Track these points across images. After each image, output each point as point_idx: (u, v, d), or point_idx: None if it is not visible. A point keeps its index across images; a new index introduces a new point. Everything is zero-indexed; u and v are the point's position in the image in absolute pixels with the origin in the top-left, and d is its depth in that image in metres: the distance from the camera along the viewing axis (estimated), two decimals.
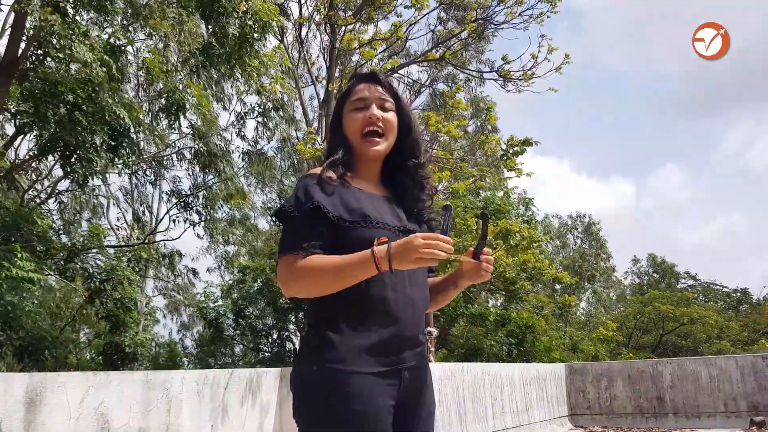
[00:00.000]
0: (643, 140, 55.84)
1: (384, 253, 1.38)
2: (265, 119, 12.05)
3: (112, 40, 8.55)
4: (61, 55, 7.26)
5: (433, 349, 9.67)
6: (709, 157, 58.32)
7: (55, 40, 7.08)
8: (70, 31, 7.12)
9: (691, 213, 55.91)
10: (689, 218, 56.69)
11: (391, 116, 1.62)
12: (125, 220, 16.63)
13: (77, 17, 7.76)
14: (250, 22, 8.60)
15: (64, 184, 12.09)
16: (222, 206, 12.96)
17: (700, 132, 58.11)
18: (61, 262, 10.70)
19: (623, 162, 57.25)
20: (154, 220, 17.09)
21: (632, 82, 56.63)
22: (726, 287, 27.97)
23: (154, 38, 9.34)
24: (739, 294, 27.54)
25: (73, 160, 8.21)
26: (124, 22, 9.23)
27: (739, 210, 54.20)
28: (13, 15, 8.69)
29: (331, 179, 1.53)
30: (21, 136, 10.17)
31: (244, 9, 8.46)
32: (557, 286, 21.38)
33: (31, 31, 8.00)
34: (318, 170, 1.58)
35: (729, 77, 53.63)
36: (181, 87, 9.43)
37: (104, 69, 7.54)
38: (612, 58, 55.55)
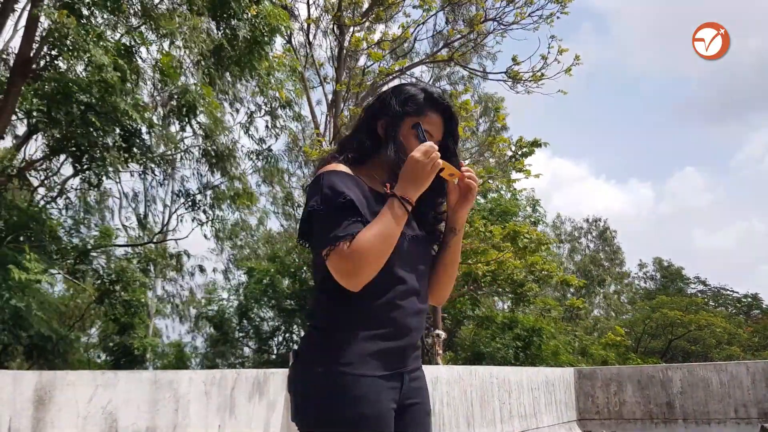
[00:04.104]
0: (663, 143, 55.42)
1: (404, 190, 1.46)
2: (273, 117, 12.05)
3: (125, 41, 8.60)
4: (76, 57, 7.31)
5: (441, 351, 9.64)
6: (729, 162, 57.78)
7: (70, 43, 7.12)
8: (85, 33, 7.16)
9: (709, 218, 55.37)
10: (708, 223, 56.19)
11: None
12: (136, 219, 16.70)
13: (91, 19, 7.80)
14: (260, 26, 8.62)
15: (71, 183, 12.16)
16: (230, 206, 12.98)
17: (721, 136, 57.59)
18: (71, 262, 10.77)
19: (642, 165, 56.81)
20: (163, 220, 17.15)
21: (653, 84, 56.20)
22: (736, 292, 27.74)
23: (165, 40, 9.37)
24: (749, 299, 27.30)
25: (84, 159, 8.26)
26: (135, 23, 9.27)
27: (758, 215, 53.69)
28: (26, 15, 8.75)
29: (358, 181, 1.52)
30: (33, 136, 10.23)
31: (255, 13, 8.48)
32: (570, 290, 21.27)
33: (45, 32, 8.04)
34: (339, 167, 1.55)
35: (751, 82, 53.06)
36: (193, 89, 9.46)
37: (118, 73, 7.57)
38: (634, 59, 55.22)
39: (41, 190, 11.87)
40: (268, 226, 21.48)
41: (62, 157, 10.08)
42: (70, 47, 7.15)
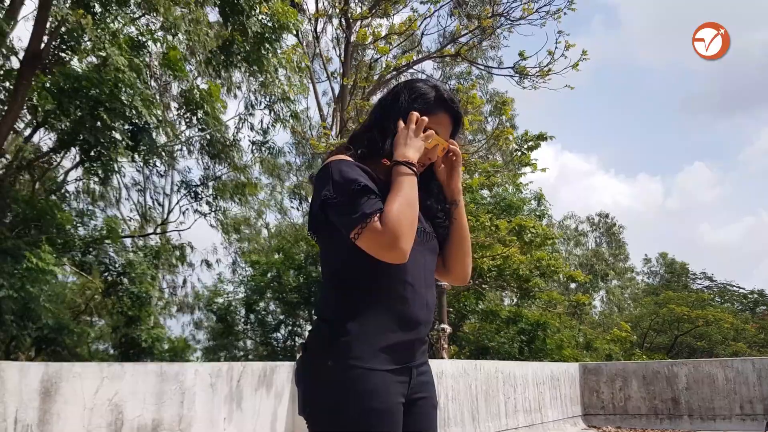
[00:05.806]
0: (673, 138, 55.30)
1: (402, 156, 1.48)
2: (272, 110, 12.07)
3: (131, 32, 8.62)
4: (93, 55, 7.36)
5: (446, 345, 9.64)
6: (738, 157, 57.56)
7: (87, 41, 7.17)
8: (101, 31, 7.20)
9: (718, 212, 55.26)
10: (716, 217, 56.06)
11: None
12: (137, 211, 16.74)
13: (105, 15, 7.81)
14: (269, 23, 8.67)
15: (76, 175, 12.22)
16: (233, 197, 13.00)
17: (730, 131, 57.36)
18: (78, 254, 10.83)
19: (651, 160, 56.70)
20: (165, 211, 17.19)
21: (663, 79, 55.99)
22: (743, 288, 27.58)
23: (169, 32, 9.39)
24: (756, 295, 27.14)
25: (92, 154, 8.31)
26: (137, 13, 9.30)
27: (766, 210, 53.49)
28: (33, 7, 8.77)
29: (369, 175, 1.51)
30: (40, 129, 10.27)
31: (266, 10, 8.52)
32: (572, 285, 21.20)
33: (54, 27, 8.06)
34: (346, 157, 1.53)
35: (759, 77, 52.67)
36: (201, 86, 9.52)
37: (134, 74, 7.62)
38: (644, 53, 54.95)
39: (48, 183, 11.92)
40: (272, 218, 21.53)
41: (69, 150, 10.12)
42: (87, 47, 7.21)
